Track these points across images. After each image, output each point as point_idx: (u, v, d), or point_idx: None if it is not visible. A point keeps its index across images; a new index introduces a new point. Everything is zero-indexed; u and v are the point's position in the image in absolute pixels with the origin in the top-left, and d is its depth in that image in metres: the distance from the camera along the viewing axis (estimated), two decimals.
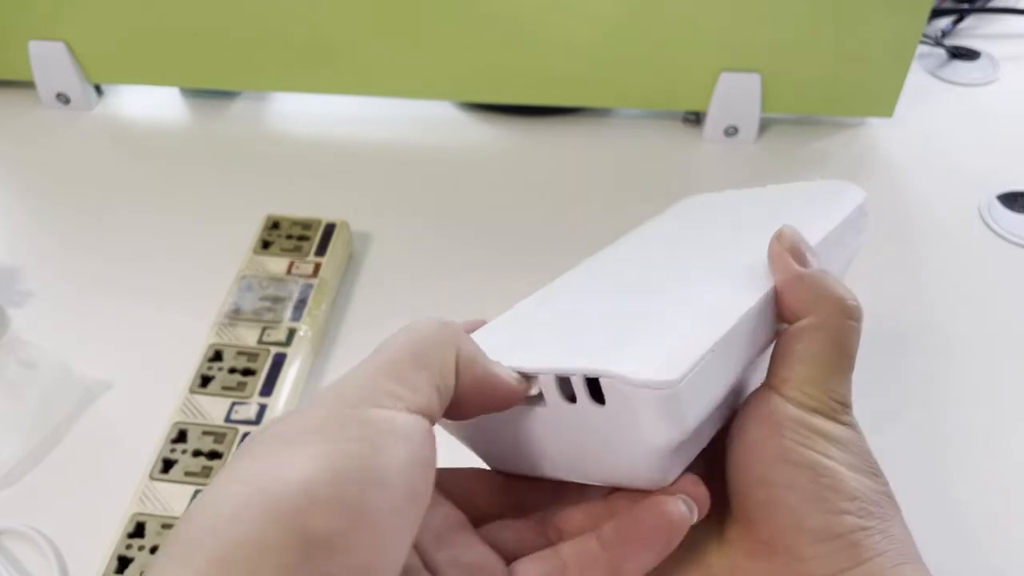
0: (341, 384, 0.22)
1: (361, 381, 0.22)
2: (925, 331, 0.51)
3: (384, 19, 0.59)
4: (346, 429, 0.20)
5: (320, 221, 0.53)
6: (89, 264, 0.55)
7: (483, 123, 0.66)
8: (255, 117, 0.67)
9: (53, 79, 0.65)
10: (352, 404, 0.21)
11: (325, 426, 0.20)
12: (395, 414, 0.21)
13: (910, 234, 0.57)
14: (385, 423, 0.20)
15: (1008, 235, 0.56)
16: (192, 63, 0.64)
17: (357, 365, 0.22)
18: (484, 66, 0.61)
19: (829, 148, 0.63)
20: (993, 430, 0.45)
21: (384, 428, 0.20)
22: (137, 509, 0.40)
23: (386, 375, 0.21)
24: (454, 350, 0.23)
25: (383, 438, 0.20)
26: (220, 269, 0.51)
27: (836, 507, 0.22)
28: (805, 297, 0.25)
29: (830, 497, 0.23)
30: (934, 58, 0.71)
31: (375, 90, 0.64)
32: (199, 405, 0.44)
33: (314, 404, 0.21)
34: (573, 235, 0.56)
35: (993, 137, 0.64)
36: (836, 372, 0.24)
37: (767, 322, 0.26)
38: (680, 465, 0.24)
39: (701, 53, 0.60)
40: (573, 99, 0.64)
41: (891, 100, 0.62)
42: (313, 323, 0.48)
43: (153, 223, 0.58)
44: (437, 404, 0.22)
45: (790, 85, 0.61)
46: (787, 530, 0.23)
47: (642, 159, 0.62)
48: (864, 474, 0.23)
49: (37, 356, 0.45)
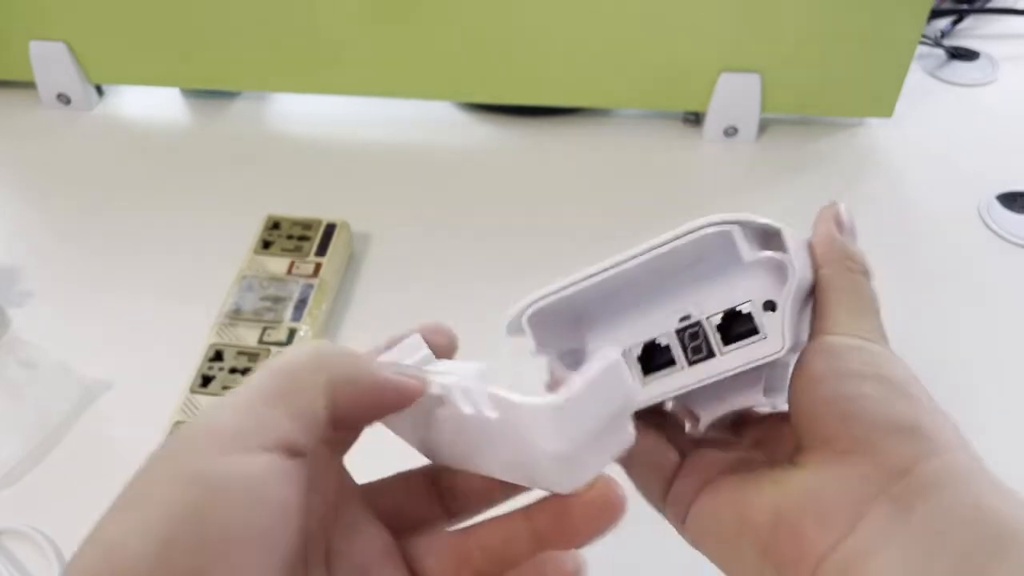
0: (192, 428, 0.22)
1: (210, 425, 0.22)
2: (925, 331, 0.51)
3: (384, 20, 0.60)
4: (178, 488, 0.20)
5: (320, 221, 0.53)
6: (89, 264, 0.55)
7: (483, 123, 0.66)
8: (255, 117, 0.67)
9: (54, 79, 0.65)
10: (197, 451, 0.21)
11: (159, 487, 0.21)
12: (237, 459, 0.21)
13: (910, 234, 0.57)
14: (225, 470, 0.21)
15: (1008, 235, 0.56)
16: (192, 63, 0.64)
17: (214, 403, 0.23)
18: (484, 66, 0.62)
19: (829, 148, 0.63)
20: (993, 430, 0.45)
21: (221, 478, 0.21)
22: None
23: (240, 414, 0.22)
24: (323, 375, 0.23)
25: (218, 490, 0.20)
26: (221, 269, 0.51)
27: (908, 400, 0.25)
28: (824, 252, 0.29)
29: (900, 393, 0.25)
30: (934, 58, 0.71)
31: (375, 90, 0.64)
32: (200, 405, 0.44)
33: (162, 454, 0.22)
34: (573, 235, 0.56)
35: (992, 137, 0.64)
36: (863, 313, 0.27)
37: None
38: (590, 470, 0.23)
39: (701, 53, 0.60)
40: (573, 99, 0.64)
41: (891, 100, 0.62)
42: (313, 323, 0.48)
43: (153, 223, 0.58)
44: (301, 433, 0.22)
45: (790, 85, 0.61)
46: (869, 429, 0.24)
47: (642, 159, 0.62)
48: (919, 384, 0.26)
49: (37, 356, 0.45)
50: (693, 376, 0.27)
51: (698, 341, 0.27)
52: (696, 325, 0.27)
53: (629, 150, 0.63)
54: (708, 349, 0.27)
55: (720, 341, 0.27)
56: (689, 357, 0.27)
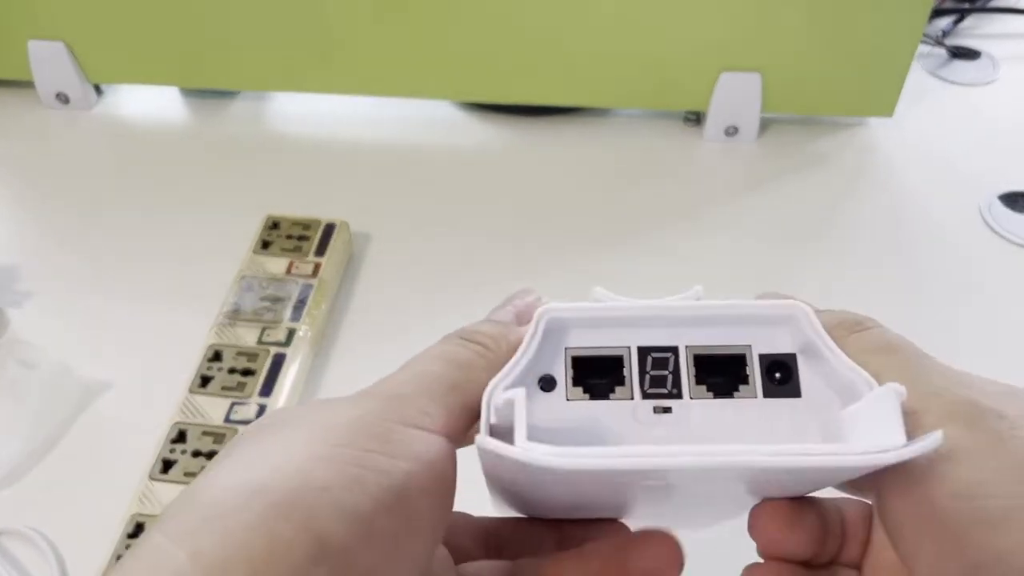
0: (375, 391, 0.21)
1: (396, 392, 0.21)
2: (925, 331, 0.51)
3: (384, 19, 0.59)
4: (373, 440, 0.19)
5: (320, 221, 0.53)
6: (89, 264, 0.55)
7: (483, 123, 0.66)
8: (255, 117, 0.66)
9: (53, 79, 0.65)
10: (383, 415, 0.20)
11: (353, 430, 0.19)
12: (424, 435, 0.20)
13: (910, 234, 0.57)
14: (415, 443, 0.20)
15: (1008, 235, 0.56)
16: (192, 63, 0.63)
17: (393, 374, 0.22)
18: (484, 66, 0.61)
19: (829, 148, 0.63)
20: None
21: (412, 448, 0.20)
22: (137, 509, 0.40)
23: (423, 392, 0.21)
24: (487, 377, 0.22)
25: (409, 458, 0.19)
26: (220, 269, 0.51)
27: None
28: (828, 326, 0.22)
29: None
30: (934, 58, 0.71)
31: (375, 90, 0.64)
32: (199, 405, 0.44)
33: (346, 402, 0.21)
34: (573, 235, 0.56)
35: (993, 137, 0.64)
36: (906, 368, 0.22)
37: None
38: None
39: (701, 53, 0.60)
40: (573, 99, 0.64)
41: (891, 100, 0.61)
42: (313, 323, 0.48)
43: (153, 223, 0.58)
44: (464, 429, 0.22)
45: (790, 85, 0.61)
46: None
47: (642, 159, 0.62)
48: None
49: (37, 356, 0.45)
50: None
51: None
52: None
53: (629, 150, 0.63)
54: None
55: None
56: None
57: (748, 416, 0.21)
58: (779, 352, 0.22)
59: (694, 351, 0.22)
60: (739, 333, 0.22)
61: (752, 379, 0.22)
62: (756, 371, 0.22)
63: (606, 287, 0.23)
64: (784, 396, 0.22)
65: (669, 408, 0.22)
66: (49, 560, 0.40)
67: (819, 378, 0.22)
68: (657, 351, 0.22)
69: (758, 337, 0.22)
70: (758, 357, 0.22)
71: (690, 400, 0.22)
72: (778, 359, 0.22)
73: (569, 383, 0.22)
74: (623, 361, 0.22)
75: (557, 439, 0.20)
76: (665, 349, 0.22)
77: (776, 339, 0.22)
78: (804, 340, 0.22)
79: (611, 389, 0.22)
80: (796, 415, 0.22)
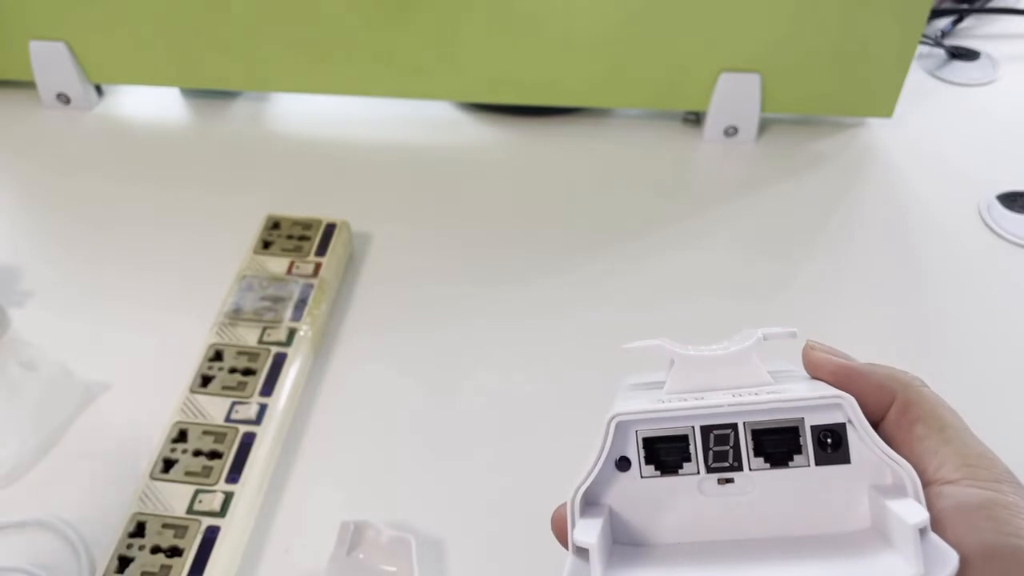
0: None
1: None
2: (925, 331, 0.51)
3: (384, 20, 0.59)
4: None
5: (320, 221, 0.53)
6: (89, 264, 0.55)
7: (483, 123, 0.66)
8: (255, 117, 0.67)
9: (53, 79, 0.65)
10: None
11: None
12: None
13: (910, 234, 0.57)
14: None
15: (1008, 235, 0.56)
16: (192, 63, 0.64)
17: None
18: (484, 66, 0.61)
19: (829, 148, 0.63)
20: (994, 429, 0.45)
21: None
22: (137, 509, 0.40)
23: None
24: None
25: None
26: (220, 269, 0.51)
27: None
28: (876, 384, 0.24)
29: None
30: (934, 58, 0.71)
31: (375, 90, 0.64)
32: (199, 405, 0.44)
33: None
34: (573, 235, 0.56)
35: (993, 137, 0.64)
36: (953, 438, 0.24)
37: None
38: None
39: (701, 53, 0.60)
40: (573, 99, 0.64)
41: (891, 100, 0.62)
42: (313, 323, 0.48)
43: (153, 223, 0.58)
44: None
45: (790, 85, 0.61)
46: None
47: (642, 159, 0.62)
48: None
49: (37, 356, 0.45)
50: None
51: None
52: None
53: (629, 150, 0.63)
54: None
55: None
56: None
57: (802, 482, 0.23)
58: (830, 423, 0.23)
59: (752, 426, 0.24)
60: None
61: (805, 448, 0.23)
62: (808, 441, 0.23)
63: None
64: (835, 463, 0.23)
65: (731, 479, 0.24)
66: (47, 561, 0.40)
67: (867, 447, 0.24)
68: (719, 428, 0.24)
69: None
70: (810, 428, 0.23)
71: (750, 472, 0.23)
72: (829, 428, 0.23)
73: (642, 462, 0.24)
74: (688, 439, 0.24)
75: (636, 516, 0.23)
76: (726, 426, 0.24)
77: (827, 411, 0.24)
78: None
79: (679, 465, 0.24)
80: (847, 481, 0.23)
